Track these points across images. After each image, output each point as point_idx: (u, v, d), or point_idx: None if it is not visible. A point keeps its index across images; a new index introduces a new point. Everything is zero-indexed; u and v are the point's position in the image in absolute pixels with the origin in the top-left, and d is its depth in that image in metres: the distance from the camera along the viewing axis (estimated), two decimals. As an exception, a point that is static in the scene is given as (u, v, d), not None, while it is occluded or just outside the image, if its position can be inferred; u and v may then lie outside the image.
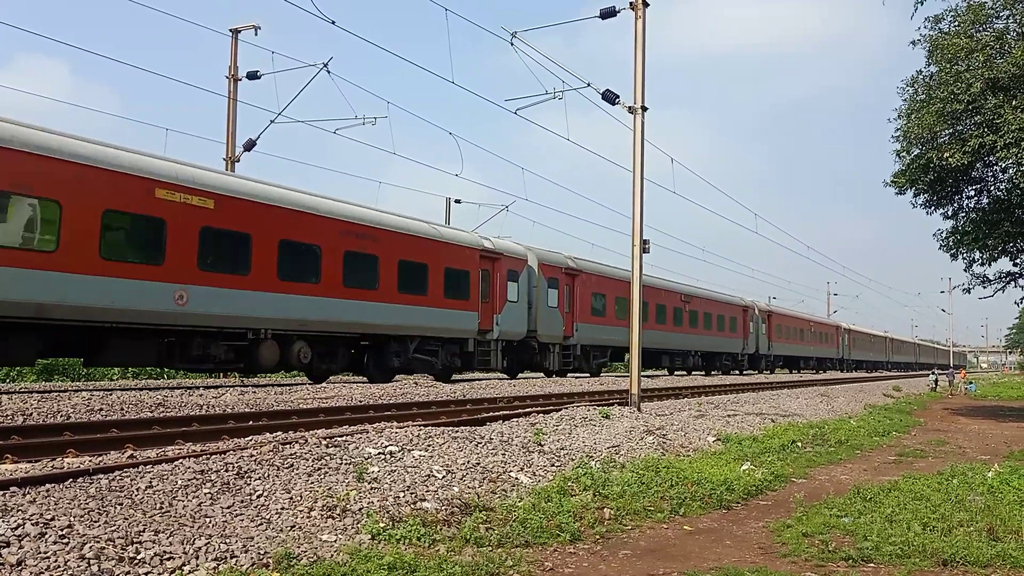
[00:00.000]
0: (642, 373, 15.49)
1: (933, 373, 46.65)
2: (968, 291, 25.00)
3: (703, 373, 42.44)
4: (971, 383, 43.35)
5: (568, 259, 29.27)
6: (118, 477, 5.99)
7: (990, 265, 23.09)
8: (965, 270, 23.62)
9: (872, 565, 5.67)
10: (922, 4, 14.71)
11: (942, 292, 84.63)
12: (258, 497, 6.10)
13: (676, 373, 41.79)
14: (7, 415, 9.84)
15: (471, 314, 23.38)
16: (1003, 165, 19.41)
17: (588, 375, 31.32)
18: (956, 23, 19.23)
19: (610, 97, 15.77)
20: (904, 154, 21.05)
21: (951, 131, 19.41)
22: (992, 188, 21.66)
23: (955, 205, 22.26)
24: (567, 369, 29.42)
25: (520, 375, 28.76)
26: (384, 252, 20.29)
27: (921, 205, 22.31)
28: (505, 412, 12.70)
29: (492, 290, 24.55)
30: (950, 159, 18.51)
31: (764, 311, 50.49)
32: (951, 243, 22.54)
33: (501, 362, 25.36)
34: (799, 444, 12.71)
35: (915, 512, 7.10)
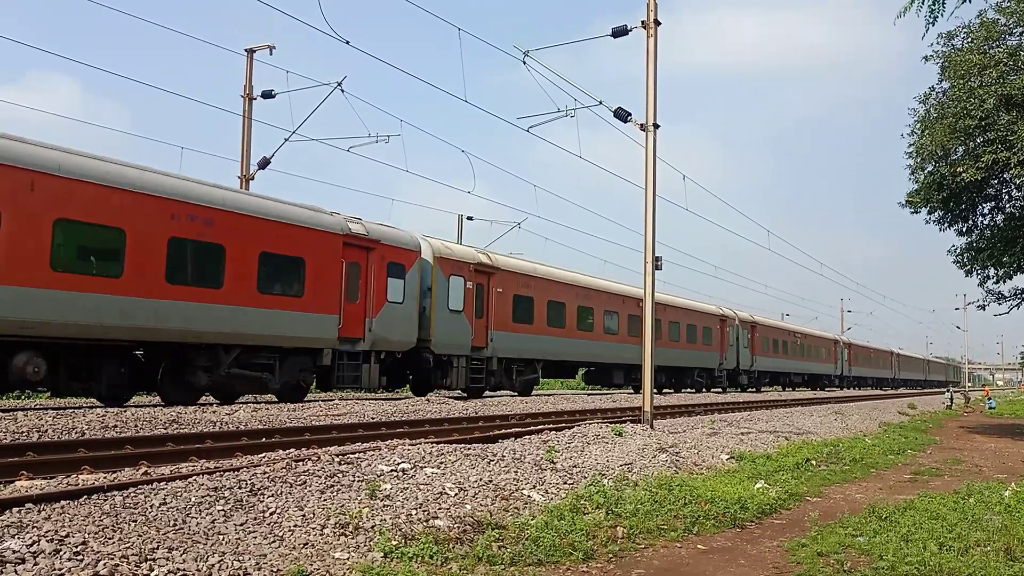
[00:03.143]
0: (593, 391, 15.06)
1: (948, 391, 46.31)
2: (983, 308, 24.87)
3: (671, 391, 37.59)
4: (992, 399, 42.98)
5: (480, 254, 24.63)
6: (132, 494, 6.01)
7: (1005, 282, 22.97)
8: (979, 286, 23.52)
9: (888, 585, 5.62)
10: (934, 24, 14.72)
11: (957, 309, 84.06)
12: (271, 514, 6.11)
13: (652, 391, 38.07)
14: (23, 432, 9.90)
15: (326, 317, 18.23)
16: (1018, 182, 19.33)
17: (514, 394, 26.88)
18: (969, 39, 19.22)
19: (622, 115, 15.82)
20: (918, 172, 21.01)
21: (964, 147, 19.36)
22: (1007, 205, 21.56)
23: (970, 222, 22.17)
24: (479, 387, 24.21)
25: (432, 393, 22.96)
26: (143, 227, 14.61)
27: (935, 222, 22.23)
28: (517, 429, 12.68)
29: (363, 287, 19.38)
30: (964, 174, 18.45)
31: (747, 322, 45.67)
32: (965, 260, 22.44)
33: (376, 380, 20.10)
34: (813, 462, 12.62)
35: (931, 531, 7.03)
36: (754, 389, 46.81)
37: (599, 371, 33.14)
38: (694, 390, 39.14)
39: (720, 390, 41.93)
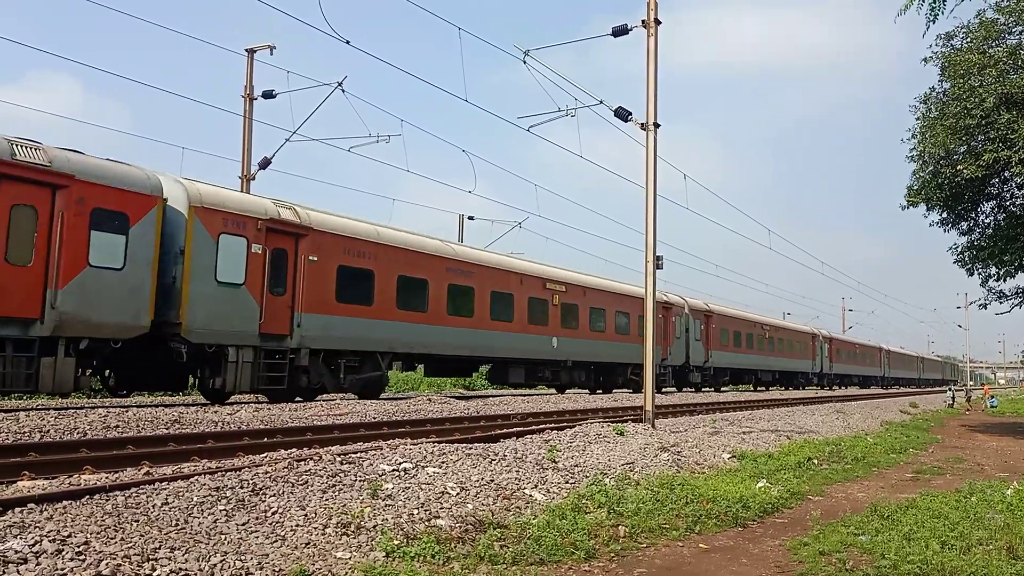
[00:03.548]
0: (494, 393, 13.72)
1: (950, 389, 46.31)
2: (984, 307, 24.88)
3: (600, 391, 32.27)
4: (993, 397, 42.98)
5: (281, 207, 17.89)
6: (134, 494, 6.02)
7: (1006, 280, 22.98)
8: (981, 285, 23.52)
9: (890, 584, 5.62)
10: (934, 22, 14.71)
11: (958, 308, 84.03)
12: (273, 514, 6.12)
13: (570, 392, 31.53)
14: (25, 432, 9.91)
15: None
16: (1018, 180, 19.33)
17: (355, 398, 20.30)
18: (969, 39, 19.22)
19: (622, 114, 15.81)
20: (919, 172, 21.02)
21: (965, 147, 19.36)
22: (1008, 204, 21.56)
23: (971, 221, 22.17)
24: (280, 388, 17.51)
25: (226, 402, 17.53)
26: None
27: (938, 224, 22.26)
28: (519, 429, 12.68)
29: (41, 243, 13.45)
30: (965, 171, 18.45)
31: (700, 310, 38.91)
32: (967, 258, 22.45)
33: (69, 379, 13.81)
34: (815, 461, 12.62)
35: (933, 530, 7.03)
36: (711, 388, 41.32)
37: (495, 368, 27.51)
38: (630, 390, 32.92)
39: (670, 390, 36.42)
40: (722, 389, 42.99)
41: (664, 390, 34.70)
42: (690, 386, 38.57)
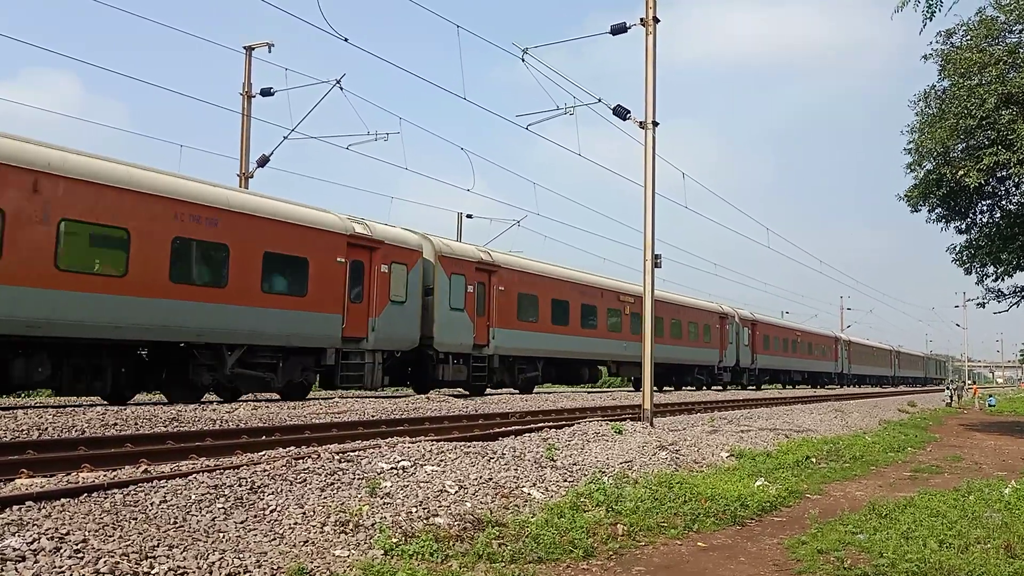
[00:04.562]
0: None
1: (948, 388, 46.35)
2: (982, 305, 24.89)
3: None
4: (991, 396, 42.97)
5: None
6: (132, 492, 6.01)
7: (1004, 280, 22.98)
8: (978, 283, 23.52)
9: (888, 582, 5.62)
10: (931, 19, 14.73)
11: (956, 307, 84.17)
12: (271, 512, 6.11)
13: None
14: (22, 429, 9.90)
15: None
16: (1017, 180, 19.33)
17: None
18: (968, 37, 19.19)
19: (621, 113, 15.81)
20: (916, 168, 21.00)
21: (964, 146, 19.34)
22: (1005, 203, 21.57)
23: (969, 220, 22.17)
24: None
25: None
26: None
27: (935, 220, 22.24)
28: (517, 427, 12.68)
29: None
30: (965, 178, 18.39)
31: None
32: (965, 257, 22.44)
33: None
34: (813, 460, 12.63)
35: (931, 529, 7.03)
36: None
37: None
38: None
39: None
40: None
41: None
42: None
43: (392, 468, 7.80)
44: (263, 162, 24.75)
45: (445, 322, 22.02)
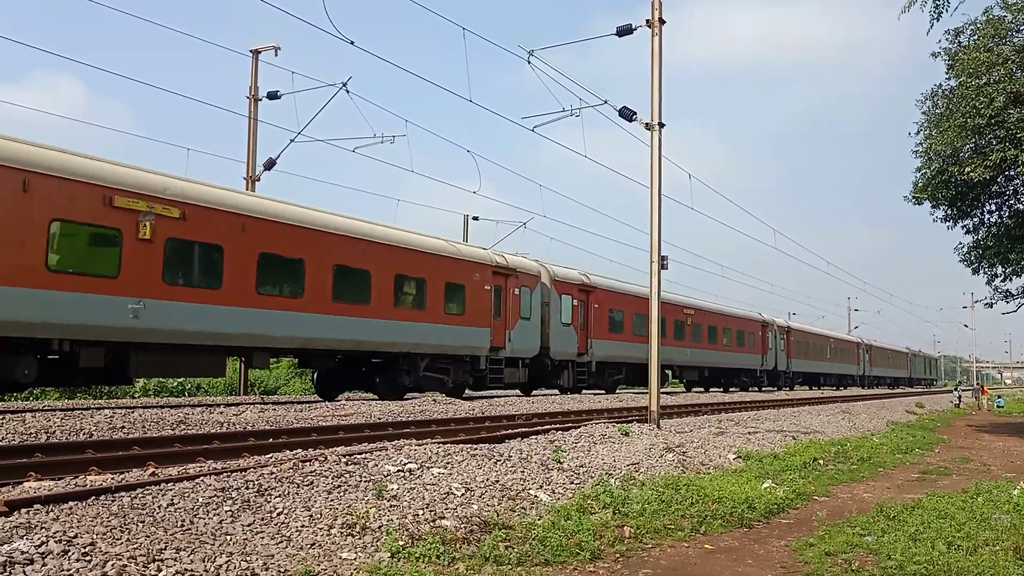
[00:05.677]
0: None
1: (956, 390, 46.16)
2: (991, 306, 24.79)
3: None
4: (1000, 398, 42.78)
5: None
6: (140, 495, 6.02)
7: (1012, 280, 22.90)
8: (987, 284, 23.44)
9: (896, 585, 5.60)
10: (938, 19, 14.71)
11: (964, 307, 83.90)
12: (278, 515, 6.12)
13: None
14: (30, 433, 9.93)
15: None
16: (1024, 178, 19.26)
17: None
18: (976, 36, 19.13)
19: (627, 114, 15.80)
20: (925, 169, 20.94)
21: (972, 145, 19.28)
22: (1014, 202, 21.49)
23: (976, 219, 22.10)
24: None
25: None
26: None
27: (942, 220, 22.17)
28: (524, 429, 12.66)
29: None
30: (972, 174, 18.37)
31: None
32: (973, 257, 22.37)
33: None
34: (821, 461, 12.59)
35: (939, 531, 7.01)
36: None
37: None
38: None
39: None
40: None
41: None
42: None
43: (399, 470, 7.80)
44: (270, 165, 24.81)
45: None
